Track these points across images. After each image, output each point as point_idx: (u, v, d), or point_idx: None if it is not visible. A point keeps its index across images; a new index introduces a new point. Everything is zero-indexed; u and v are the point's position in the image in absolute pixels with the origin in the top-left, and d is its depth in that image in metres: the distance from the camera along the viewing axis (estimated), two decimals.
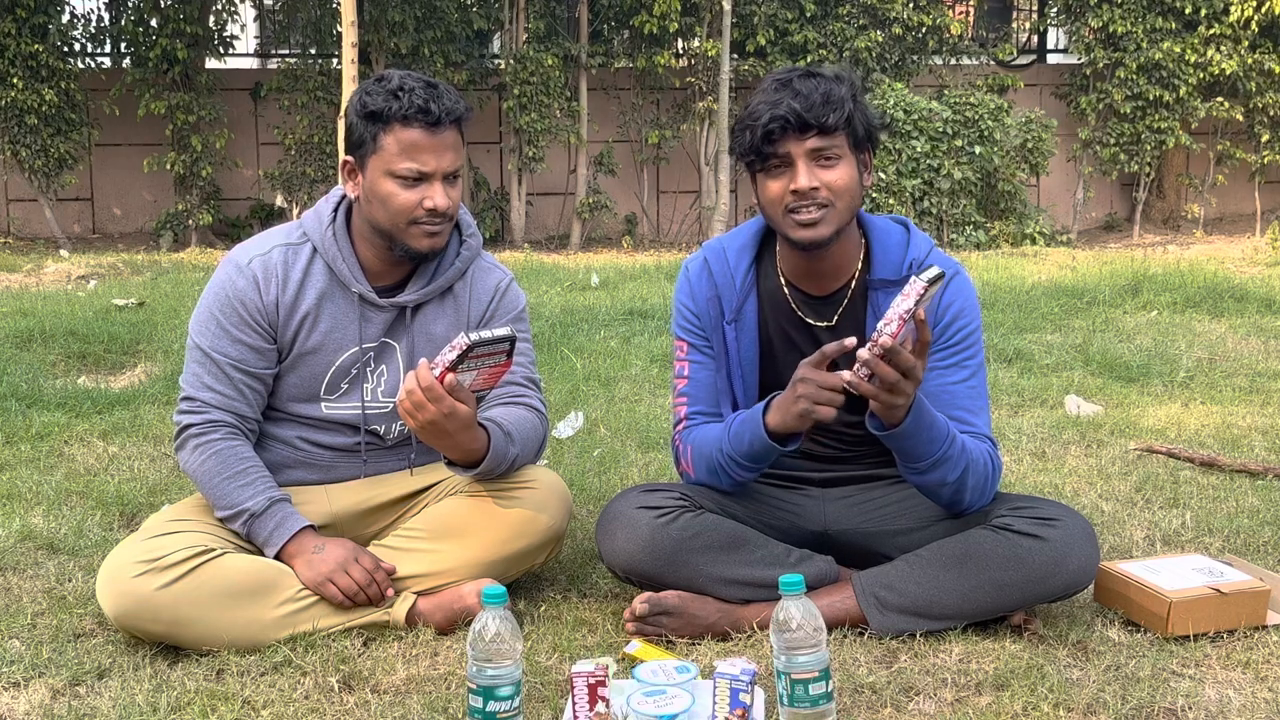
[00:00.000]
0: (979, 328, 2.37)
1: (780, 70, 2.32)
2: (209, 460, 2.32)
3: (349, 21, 9.16)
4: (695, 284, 2.44)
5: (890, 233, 2.39)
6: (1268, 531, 2.84)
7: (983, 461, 2.27)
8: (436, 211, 2.29)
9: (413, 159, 2.26)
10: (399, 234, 2.32)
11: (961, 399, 2.31)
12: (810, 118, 2.19)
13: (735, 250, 2.43)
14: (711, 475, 2.37)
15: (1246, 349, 5.33)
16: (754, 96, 2.30)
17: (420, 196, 2.29)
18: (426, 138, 2.26)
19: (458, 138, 2.33)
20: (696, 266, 2.46)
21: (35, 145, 10.16)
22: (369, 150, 2.29)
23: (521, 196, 11.23)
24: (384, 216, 2.32)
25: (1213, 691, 2.02)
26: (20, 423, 3.94)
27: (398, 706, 1.98)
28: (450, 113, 2.27)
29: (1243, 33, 11.16)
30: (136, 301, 6.32)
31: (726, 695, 1.84)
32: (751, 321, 2.40)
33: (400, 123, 2.25)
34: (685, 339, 2.45)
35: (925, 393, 2.23)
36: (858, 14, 11.26)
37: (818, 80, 2.25)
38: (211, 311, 2.38)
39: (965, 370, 2.33)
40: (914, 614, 2.23)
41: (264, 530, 2.28)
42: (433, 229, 2.32)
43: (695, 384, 2.43)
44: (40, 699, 2.02)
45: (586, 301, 6.75)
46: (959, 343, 2.33)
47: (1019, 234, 10.53)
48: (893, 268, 2.35)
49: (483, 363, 2.13)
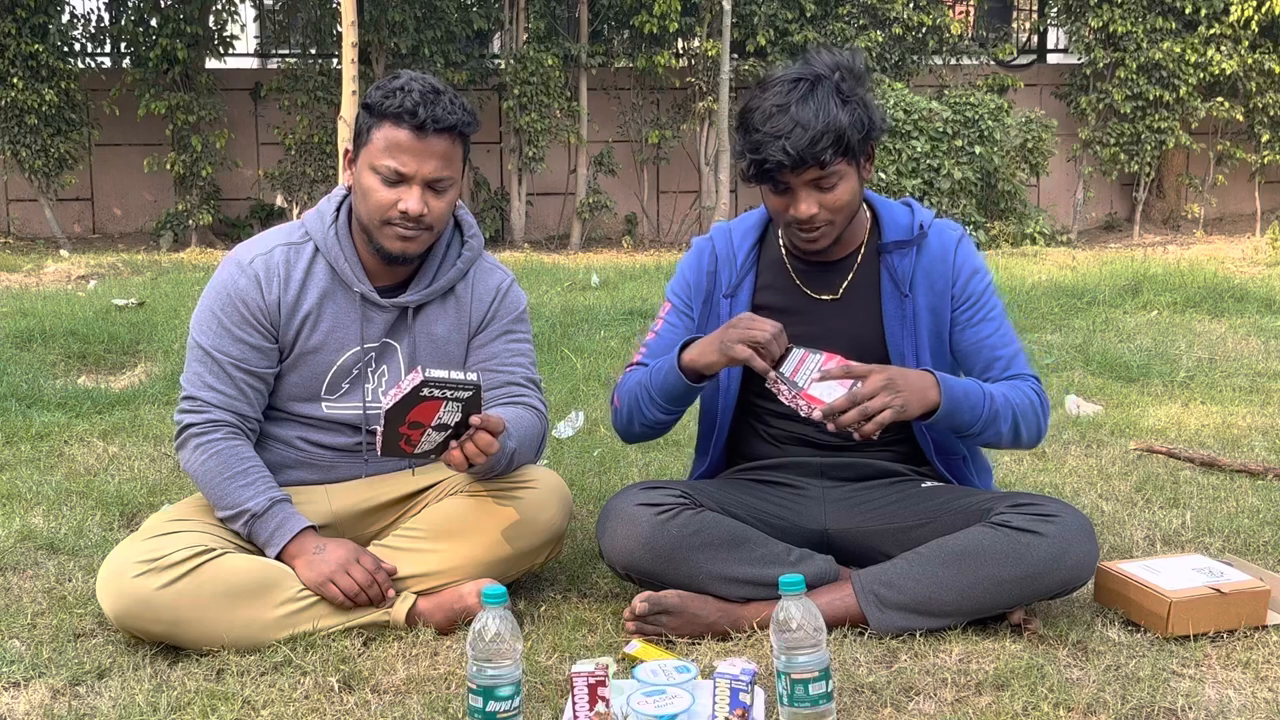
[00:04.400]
0: (991, 279, 2.50)
1: (780, 79, 2.29)
2: (210, 460, 2.32)
3: (349, 21, 9.16)
4: (697, 257, 2.56)
5: (895, 205, 2.50)
6: (1268, 531, 2.85)
7: (1028, 401, 2.37)
8: (409, 216, 2.28)
9: (393, 158, 2.27)
10: (374, 230, 2.33)
11: (998, 347, 2.44)
12: (807, 155, 2.21)
13: (741, 232, 2.54)
14: (631, 409, 2.46)
15: (1246, 349, 5.33)
16: (753, 108, 2.29)
17: (396, 197, 2.28)
18: (411, 140, 2.26)
19: (450, 148, 2.29)
20: (701, 242, 2.58)
21: (35, 145, 10.15)
22: (362, 142, 2.32)
23: (521, 196, 11.23)
24: (362, 210, 2.34)
25: (1213, 691, 2.02)
26: (20, 423, 3.94)
27: (398, 706, 1.98)
28: (439, 121, 2.25)
29: (1243, 33, 11.16)
30: (136, 301, 6.32)
31: (726, 695, 1.84)
32: (746, 298, 2.48)
33: (391, 120, 2.27)
34: (672, 301, 2.57)
35: (961, 351, 2.42)
36: (858, 14, 11.25)
37: (817, 107, 2.22)
38: (213, 311, 2.38)
39: (992, 322, 2.45)
40: (913, 611, 2.23)
41: (265, 531, 2.28)
42: (405, 233, 2.30)
43: (660, 340, 2.53)
44: (40, 699, 2.02)
45: (586, 301, 6.75)
46: (979, 298, 2.45)
47: (1019, 234, 10.53)
48: (902, 230, 2.44)
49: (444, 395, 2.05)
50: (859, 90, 2.29)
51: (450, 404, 2.07)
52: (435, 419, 2.08)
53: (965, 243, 2.47)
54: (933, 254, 2.43)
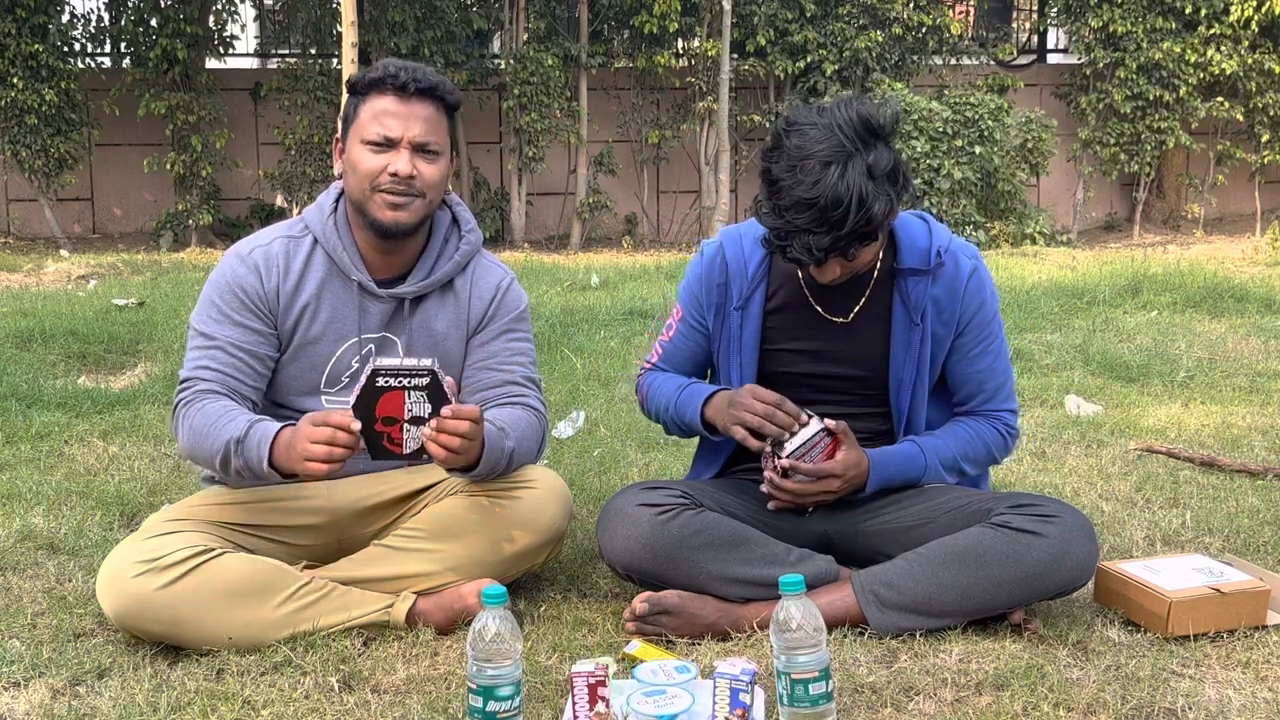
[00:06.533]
0: (998, 311, 2.51)
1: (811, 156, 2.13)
2: (197, 419, 2.26)
3: (349, 21, 9.16)
4: (707, 268, 2.53)
5: (913, 224, 2.45)
6: (1268, 531, 2.85)
7: (982, 446, 2.49)
8: (399, 177, 2.31)
9: (380, 123, 2.33)
10: (366, 202, 2.35)
11: (985, 381, 2.49)
12: (831, 251, 2.19)
13: (752, 240, 2.48)
14: (661, 418, 2.57)
15: (1246, 349, 5.33)
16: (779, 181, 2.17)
17: (386, 162, 2.32)
18: (396, 104, 2.32)
19: (434, 113, 2.36)
20: (712, 251, 2.53)
21: (35, 145, 10.16)
22: (350, 122, 2.37)
23: (521, 196, 11.23)
24: (354, 184, 2.36)
25: (1213, 691, 2.02)
26: (20, 423, 3.94)
27: (398, 706, 1.98)
28: (419, 81, 2.32)
29: (1243, 33, 11.16)
30: (136, 301, 6.32)
31: (726, 695, 1.84)
32: (757, 310, 2.46)
33: (375, 90, 2.35)
34: (683, 308, 2.59)
35: (951, 376, 2.47)
36: (858, 14, 11.25)
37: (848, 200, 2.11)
38: (212, 299, 2.38)
39: (989, 356, 2.48)
40: (913, 611, 2.23)
41: (251, 453, 2.20)
42: (395, 198, 2.32)
43: (674, 348, 2.60)
44: (40, 699, 2.02)
45: (586, 301, 6.75)
46: (983, 330, 2.46)
47: (1019, 234, 10.53)
48: (920, 256, 2.41)
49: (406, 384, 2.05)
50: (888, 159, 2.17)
51: (413, 393, 2.06)
52: (406, 412, 2.07)
53: (979, 271, 2.44)
54: (947, 281, 2.41)
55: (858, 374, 2.45)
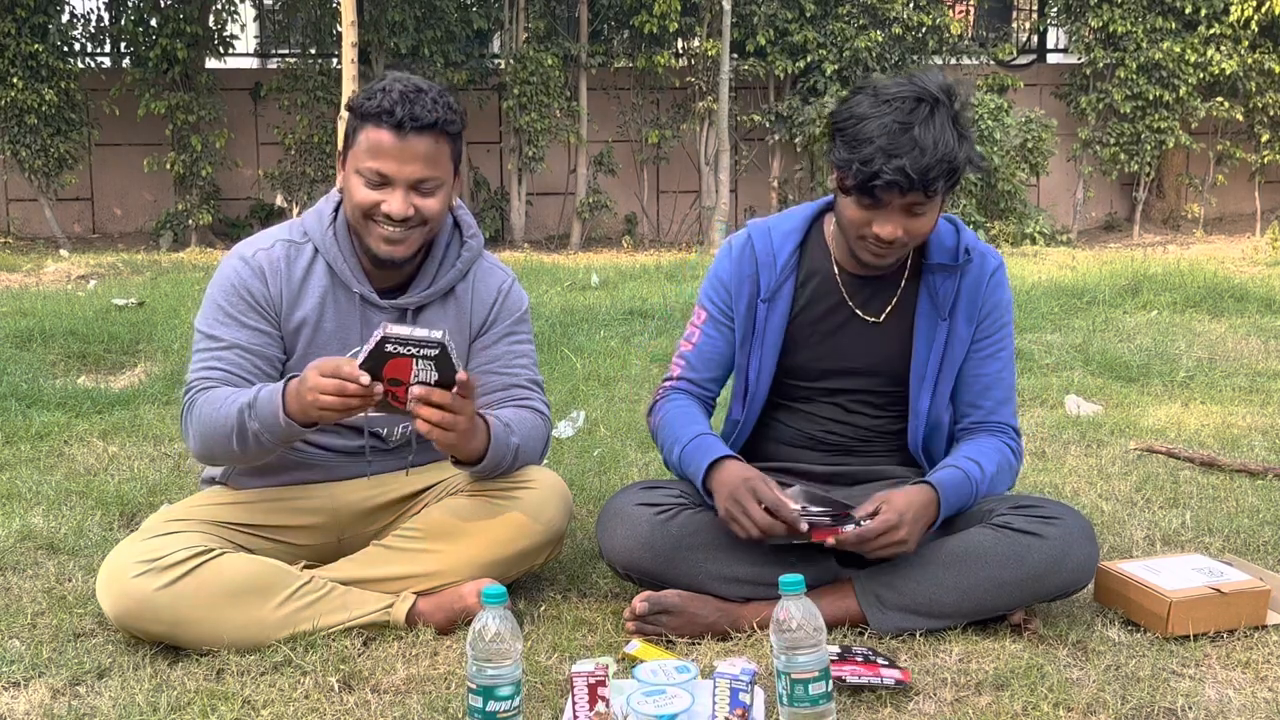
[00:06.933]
0: (1011, 321, 2.48)
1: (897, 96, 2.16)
2: (204, 409, 2.23)
3: (349, 21, 9.16)
4: (736, 260, 2.46)
5: (941, 224, 2.43)
6: (1268, 531, 2.85)
7: (1007, 465, 2.42)
8: (392, 218, 2.25)
9: (375, 160, 2.24)
10: (362, 231, 2.31)
11: (992, 388, 2.44)
12: (920, 181, 2.15)
13: (782, 233, 2.45)
14: (661, 451, 2.48)
15: (1246, 349, 5.33)
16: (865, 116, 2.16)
17: (381, 198, 2.25)
18: (392, 142, 2.22)
19: (434, 148, 2.25)
20: (740, 242, 2.48)
21: (35, 145, 10.16)
22: (350, 143, 2.30)
23: (521, 196, 11.23)
24: (349, 210, 2.32)
25: (1213, 691, 2.02)
26: (20, 423, 3.94)
27: (398, 706, 1.98)
28: (416, 119, 2.20)
29: (1243, 33, 11.16)
30: (136, 301, 6.32)
31: (726, 695, 1.84)
32: (785, 305, 2.43)
33: (371, 121, 2.24)
34: (707, 309, 2.50)
35: (961, 379, 2.41)
36: (858, 14, 11.25)
37: (936, 134, 2.14)
38: (216, 301, 2.36)
39: (998, 362, 2.44)
40: (913, 612, 2.23)
41: (264, 409, 2.16)
42: (388, 234, 2.27)
43: (699, 353, 2.50)
44: (40, 699, 2.02)
45: (586, 301, 6.75)
46: (998, 333, 2.43)
47: (1019, 234, 10.54)
48: (948, 254, 2.40)
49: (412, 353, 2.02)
50: (967, 121, 2.21)
51: (421, 362, 2.03)
52: (412, 376, 2.04)
53: (1000, 274, 2.44)
54: (972, 280, 2.41)
55: (878, 371, 2.43)
